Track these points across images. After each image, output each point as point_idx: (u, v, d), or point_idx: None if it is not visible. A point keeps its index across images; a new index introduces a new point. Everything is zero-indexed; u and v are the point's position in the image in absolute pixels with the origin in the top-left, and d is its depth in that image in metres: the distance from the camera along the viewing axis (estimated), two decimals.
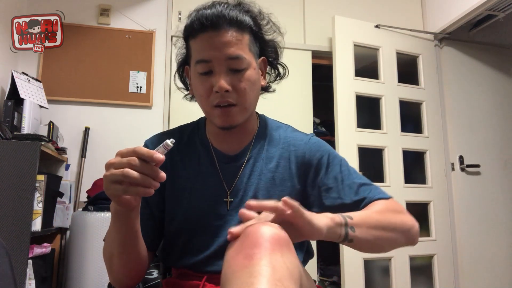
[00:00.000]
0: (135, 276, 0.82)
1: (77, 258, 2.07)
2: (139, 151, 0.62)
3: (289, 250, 0.59)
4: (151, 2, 2.78)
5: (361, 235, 0.72)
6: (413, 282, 2.65)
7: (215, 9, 0.81)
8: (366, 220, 0.75)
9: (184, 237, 0.86)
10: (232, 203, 0.86)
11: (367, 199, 0.85)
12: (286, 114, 2.65)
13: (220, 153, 0.91)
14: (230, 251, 0.61)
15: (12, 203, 1.72)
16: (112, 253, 0.78)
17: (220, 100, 0.81)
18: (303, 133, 0.97)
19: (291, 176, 0.89)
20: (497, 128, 3.02)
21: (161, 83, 2.67)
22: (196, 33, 0.83)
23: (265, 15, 0.91)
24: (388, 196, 0.87)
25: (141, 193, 0.63)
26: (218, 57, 0.80)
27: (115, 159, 0.64)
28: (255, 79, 0.85)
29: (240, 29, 0.83)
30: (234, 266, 0.57)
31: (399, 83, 2.90)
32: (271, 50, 0.94)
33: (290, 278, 0.55)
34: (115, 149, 0.66)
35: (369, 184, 0.88)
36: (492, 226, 2.85)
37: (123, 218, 0.71)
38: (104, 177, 0.64)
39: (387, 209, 0.82)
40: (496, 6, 2.66)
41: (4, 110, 2.05)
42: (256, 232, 0.59)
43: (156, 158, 0.62)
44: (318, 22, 2.96)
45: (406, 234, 0.81)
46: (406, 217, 0.83)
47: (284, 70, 0.99)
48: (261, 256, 0.55)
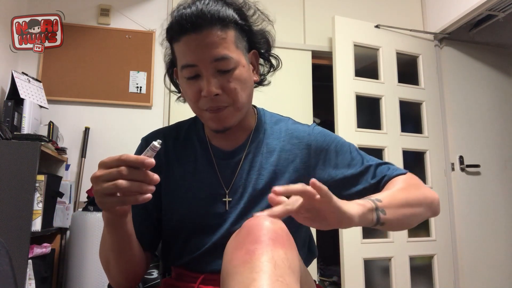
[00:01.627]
0: (134, 278, 0.82)
1: (77, 258, 2.07)
2: (127, 159, 0.60)
3: (291, 246, 0.59)
4: (151, 2, 2.78)
5: (392, 216, 0.70)
6: (413, 282, 2.65)
7: (195, 8, 0.75)
8: (394, 200, 0.73)
9: (182, 236, 0.86)
10: (230, 202, 0.84)
11: (386, 178, 0.84)
12: (286, 114, 2.64)
13: (218, 149, 0.88)
14: (231, 245, 0.60)
15: (12, 203, 1.72)
16: (108, 259, 0.77)
17: (211, 104, 0.78)
18: (305, 124, 0.95)
19: (296, 169, 0.87)
20: (497, 128, 3.02)
21: (161, 83, 2.66)
22: (178, 36, 0.78)
23: (251, 4, 0.85)
24: (405, 172, 0.86)
25: (140, 200, 0.61)
26: (203, 60, 0.76)
27: (101, 171, 0.62)
28: (246, 76, 0.81)
29: (224, 26, 0.77)
30: (235, 261, 0.56)
31: (399, 83, 2.90)
32: (262, 41, 0.88)
33: (292, 274, 0.55)
34: (115, 149, 0.66)
35: (384, 163, 0.88)
36: (492, 226, 2.85)
37: (117, 225, 0.70)
38: (95, 192, 0.62)
39: (408, 184, 0.81)
40: (496, 6, 2.66)
41: (4, 110, 2.05)
42: (257, 227, 0.58)
43: (147, 163, 0.60)
44: (318, 22, 2.96)
45: (430, 206, 0.81)
46: (427, 190, 0.83)
47: (277, 61, 0.94)
48: (262, 251, 0.55)
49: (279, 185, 0.83)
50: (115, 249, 0.75)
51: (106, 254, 0.78)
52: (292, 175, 0.86)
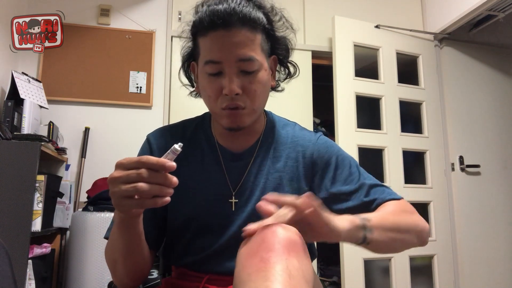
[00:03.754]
0: (139, 278, 0.82)
1: (77, 258, 2.07)
2: (147, 162, 0.59)
3: (304, 255, 0.58)
4: (151, 2, 2.78)
5: (379, 237, 0.70)
6: (413, 282, 2.65)
7: (227, 5, 0.75)
8: (383, 222, 0.73)
9: (187, 236, 0.85)
10: (237, 203, 0.84)
11: (378, 200, 0.84)
12: (286, 114, 2.62)
13: (226, 151, 0.88)
14: (244, 252, 0.60)
15: (12, 203, 1.72)
16: (116, 259, 0.77)
17: (229, 103, 0.78)
18: (311, 132, 0.94)
19: (298, 177, 0.87)
20: (497, 128, 3.02)
21: (161, 83, 2.67)
22: (206, 31, 0.77)
23: (278, 11, 0.86)
24: (399, 197, 0.86)
25: (159, 204, 0.60)
26: (229, 58, 0.76)
27: (120, 172, 0.60)
28: (266, 80, 0.82)
29: (253, 28, 0.78)
30: (249, 268, 0.56)
31: (399, 83, 2.90)
32: (282, 48, 0.89)
33: (306, 284, 0.54)
34: (115, 149, 0.66)
35: (380, 185, 0.87)
36: (492, 226, 2.85)
37: (129, 225, 0.69)
38: (112, 193, 0.61)
39: (400, 210, 0.81)
40: (496, 6, 2.66)
41: (4, 110, 2.05)
42: (272, 234, 0.58)
43: (168, 166, 0.59)
44: (318, 22, 2.96)
45: (419, 235, 0.80)
46: (418, 218, 0.83)
47: (294, 69, 0.94)
48: (276, 260, 0.54)
49: (284, 192, 0.83)
50: (124, 249, 0.74)
51: (113, 254, 0.77)
52: (295, 183, 0.86)
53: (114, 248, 0.76)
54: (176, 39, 2.73)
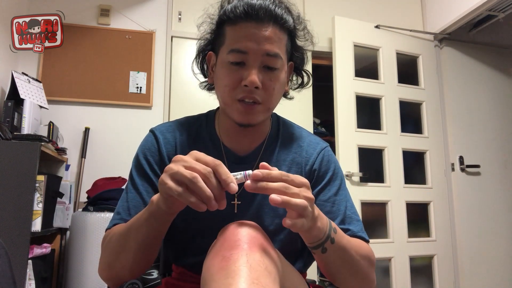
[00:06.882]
0: (139, 272, 0.79)
1: (77, 259, 2.07)
2: (218, 169, 0.59)
3: (268, 249, 0.59)
4: (151, 2, 2.78)
5: (337, 248, 0.71)
6: (413, 282, 2.65)
7: (262, 1, 0.77)
8: (346, 240, 0.74)
9: (188, 236, 0.85)
10: (239, 205, 0.83)
11: (350, 232, 0.84)
12: (286, 114, 2.64)
13: (231, 152, 0.87)
14: (209, 255, 0.60)
15: (12, 203, 1.72)
16: (125, 247, 0.74)
17: (246, 95, 0.78)
18: (320, 140, 0.94)
19: None
20: (497, 128, 3.02)
21: (161, 83, 2.67)
22: (237, 20, 0.78)
23: (303, 20, 0.88)
24: (367, 239, 0.86)
25: (195, 205, 0.58)
26: (256, 50, 0.77)
27: (190, 157, 0.60)
28: (283, 81, 0.83)
29: (282, 28, 0.80)
30: (212, 268, 0.56)
31: (399, 84, 2.90)
32: (300, 57, 0.90)
33: (268, 276, 0.55)
34: (115, 149, 0.65)
35: (357, 220, 0.87)
36: (492, 226, 2.85)
37: (161, 220, 0.68)
38: (169, 169, 0.59)
39: (364, 249, 0.81)
40: (496, 7, 2.66)
41: (4, 110, 2.05)
42: (233, 233, 0.59)
43: (231, 187, 0.58)
44: (318, 22, 2.95)
45: (368, 270, 0.81)
46: (373, 270, 0.83)
47: (308, 79, 0.95)
48: (238, 256, 0.55)
49: None
50: (144, 239, 0.71)
51: (126, 241, 0.73)
52: None
53: (130, 236, 0.73)
54: (176, 39, 2.73)
